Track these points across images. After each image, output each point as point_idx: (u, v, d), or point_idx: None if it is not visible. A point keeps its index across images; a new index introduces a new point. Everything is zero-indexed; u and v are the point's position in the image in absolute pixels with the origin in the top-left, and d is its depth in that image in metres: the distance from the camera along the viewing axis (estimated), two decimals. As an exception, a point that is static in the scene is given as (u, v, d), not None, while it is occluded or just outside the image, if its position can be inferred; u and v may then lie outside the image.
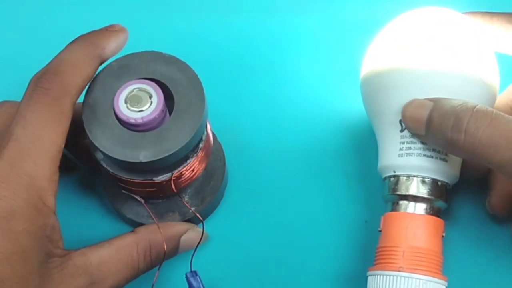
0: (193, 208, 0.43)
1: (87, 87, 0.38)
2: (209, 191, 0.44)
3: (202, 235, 0.41)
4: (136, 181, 0.38)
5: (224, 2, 0.52)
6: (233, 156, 0.46)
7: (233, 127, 0.48)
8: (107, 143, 0.36)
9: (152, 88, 0.37)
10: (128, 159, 0.36)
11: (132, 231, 0.40)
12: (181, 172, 0.39)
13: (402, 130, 0.40)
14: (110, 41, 0.38)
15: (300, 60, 0.50)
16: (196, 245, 0.41)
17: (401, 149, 0.40)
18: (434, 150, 0.40)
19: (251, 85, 0.50)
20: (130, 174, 0.38)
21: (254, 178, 0.47)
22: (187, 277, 0.40)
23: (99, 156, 0.38)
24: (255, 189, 0.46)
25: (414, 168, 0.40)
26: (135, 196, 0.41)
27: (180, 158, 0.38)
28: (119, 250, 0.38)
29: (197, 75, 0.38)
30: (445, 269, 0.40)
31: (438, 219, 0.40)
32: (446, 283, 0.39)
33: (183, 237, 0.41)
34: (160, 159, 0.36)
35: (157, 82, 0.37)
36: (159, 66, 0.38)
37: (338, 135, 0.48)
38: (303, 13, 0.52)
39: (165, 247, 0.39)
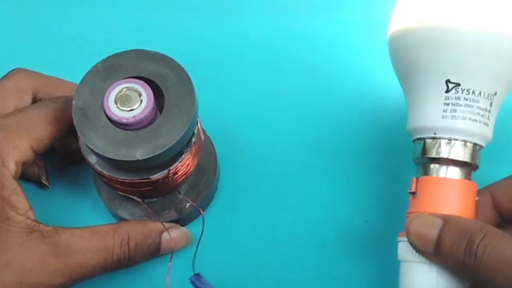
0: (188, 204, 0.43)
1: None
2: (203, 185, 0.44)
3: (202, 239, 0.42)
4: (133, 181, 0.38)
5: (216, 1, 0.52)
6: (224, 149, 0.46)
7: (222, 119, 0.47)
8: (101, 144, 0.36)
9: (140, 87, 0.37)
10: (125, 158, 0.36)
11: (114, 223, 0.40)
12: (177, 168, 0.39)
13: (447, 91, 0.38)
14: None
15: (290, 54, 0.49)
16: (181, 245, 0.41)
17: (445, 111, 0.38)
18: (478, 113, 0.38)
19: (239, 78, 0.49)
20: (126, 174, 0.38)
21: (247, 172, 0.46)
22: (192, 281, 0.41)
23: (93, 160, 0.38)
24: (249, 183, 0.46)
25: (458, 131, 0.38)
26: (132, 196, 0.40)
27: (175, 154, 0.38)
28: (94, 233, 0.38)
29: (184, 69, 0.38)
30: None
31: (474, 183, 0.39)
32: None
33: (165, 235, 0.40)
34: (157, 155, 0.36)
35: (145, 80, 0.37)
36: (145, 63, 0.38)
37: (335, 131, 0.46)
38: (295, 12, 0.51)
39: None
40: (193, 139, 0.39)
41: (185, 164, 0.39)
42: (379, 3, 0.44)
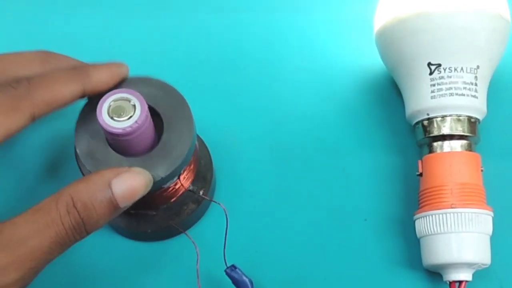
0: (201, 192, 0.42)
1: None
2: (205, 169, 0.43)
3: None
4: (151, 194, 0.38)
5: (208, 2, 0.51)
6: (220, 150, 0.45)
7: (217, 120, 0.47)
8: None
9: (126, 94, 0.36)
10: None
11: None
12: (185, 171, 0.40)
13: (431, 73, 0.41)
14: (98, 70, 0.38)
15: (286, 53, 0.49)
16: (139, 191, 0.36)
17: (432, 91, 0.41)
18: (464, 88, 0.41)
19: (233, 79, 0.48)
20: None
21: (244, 172, 0.45)
22: (227, 273, 0.40)
23: None
24: (246, 183, 0.45)
25: (447, 108, 0.41)
26: (146, 212, 0.41)
27: None
28: (37, 211, 0.35)
29: (168, 83, 0.38)
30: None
31: (476, 154, 0.42)
32: (492, 213, 0.41)
33: (115, 183, 0.36)
34: (177, 167, 0.37)
35: None
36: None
37: (334, 130, 0.46)
38: (289, 11, 0.50)
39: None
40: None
41: (190, 165, 0.40)
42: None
